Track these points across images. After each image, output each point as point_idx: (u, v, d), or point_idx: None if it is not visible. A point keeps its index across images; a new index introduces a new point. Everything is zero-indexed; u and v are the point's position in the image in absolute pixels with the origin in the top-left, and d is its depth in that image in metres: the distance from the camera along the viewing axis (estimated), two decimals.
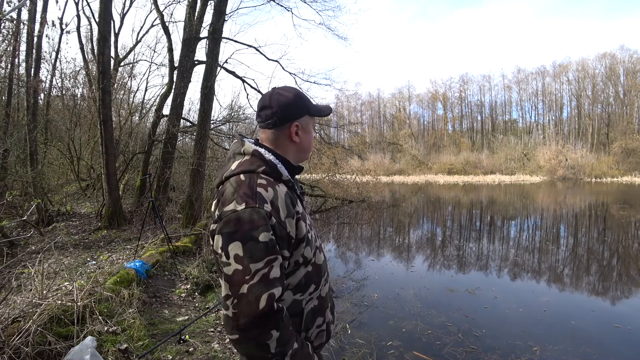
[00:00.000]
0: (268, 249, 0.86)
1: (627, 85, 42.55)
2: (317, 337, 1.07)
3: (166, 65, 10.70)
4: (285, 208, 0.92)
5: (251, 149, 1.00)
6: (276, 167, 0.99)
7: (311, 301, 1.04)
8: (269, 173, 0.97)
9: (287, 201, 0.94)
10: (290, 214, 0.93)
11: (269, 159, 0.99)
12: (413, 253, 7.11)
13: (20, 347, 2.11)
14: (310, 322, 1.03)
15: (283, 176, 0.99)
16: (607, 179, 33.46)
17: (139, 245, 5.29)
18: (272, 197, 0.91)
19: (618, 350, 3.16)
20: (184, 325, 3.08)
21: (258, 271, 0.84)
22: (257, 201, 0.88)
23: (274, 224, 0.88)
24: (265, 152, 1.01)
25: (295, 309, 1.00)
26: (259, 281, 0.84)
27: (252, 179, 0.94)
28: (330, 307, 1.15)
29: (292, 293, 0.99)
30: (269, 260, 0.86)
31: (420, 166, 46.85)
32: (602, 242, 7.91)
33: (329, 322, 1.12)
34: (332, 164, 13.56)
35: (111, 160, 7.18)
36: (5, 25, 7.53)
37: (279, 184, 0.96)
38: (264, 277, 0.85)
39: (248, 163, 0.98)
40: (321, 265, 1.08)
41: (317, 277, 1.05)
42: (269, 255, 0.86)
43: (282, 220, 0.91)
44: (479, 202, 17.24)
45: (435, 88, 57.05)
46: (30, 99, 8.46)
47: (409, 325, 3.59)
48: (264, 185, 0.92)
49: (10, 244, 5.39)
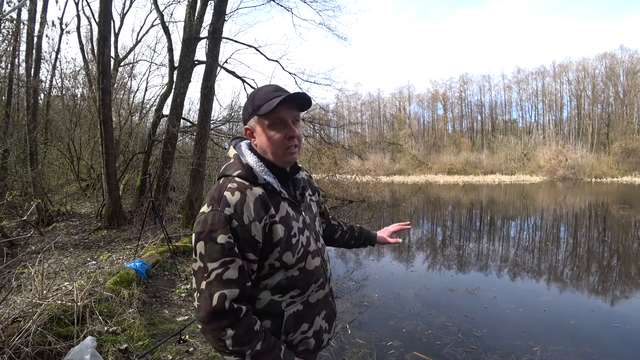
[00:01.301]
0: (224, 251, 0.89)
1: (627, 85, 42.53)
2: (302, 343, 1.05)
3: (166, 65, 10.71)
4: (252, 212, 0.93)
5: (232, 153, 1.06)
6: (251, 170, 1.00)
7: (293, 305, 1.03)
8: (244, 177, 0.98)
9: (257, 205, 0.95)
10: (258, 218, 0.94)
11: (246, 162, 1.01)
12: (413, 253, 7.11)
13: (20, 347, 2.11)
14: (292, 326, 1.02)
15: (259, 179, 0.99)
16: (607, 179, 33.46)
17: (139, 245, 5.29)
18: (237, 201, 0.93)
19: (618, 350, 3.16)
20: (184, 325, 3.08)
21: (213, 270, 0.89)
22: (220, 205, 0.92)
23: (235, 227, 0.91)
24: (247, 155, 1.04)
25: (273, 309, 1.01)
26: (213, 280, 0.89)
27: (224, 182, 0.98)
28: (326, 316, 1.12)
29: (270, 293, 1.00)
30: (224, 262, 0.89)
31: (420, 166, 46.84)
32: (602, 242, 7.91)
33: (319, 331, 1.09)
34: (332, 164, 13.55)
35: (111, 160, 7.18)
36: (5, 25, 7.53)
37: (252, 188, 0.97)
38: (218, 277, 0.89)
39: (229, 167, 1.03)
40: (312, 271, 1.06)
41: (304, 282, 1.04)
42: (225, 257, 0.89)
43: (245, 224, 0.92)
44: (478, 202, 17.24)
45: (435, 88, 57.13)
46: (30, 99, 8.46)
47: (409, 325, 3.59)
48: (232, 189, 0.95)
49: (10, 244, 5.39)
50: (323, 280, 1.11)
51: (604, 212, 13.03)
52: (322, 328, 1.11)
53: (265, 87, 1.05)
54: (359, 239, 1.49)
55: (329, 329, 1.14)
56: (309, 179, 1.26)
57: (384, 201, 16.01)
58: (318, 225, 1.20)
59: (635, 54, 42.20)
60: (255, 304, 0.99)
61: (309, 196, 1.20)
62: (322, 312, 1.11)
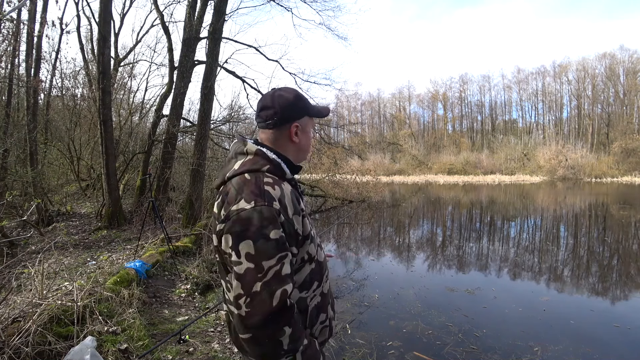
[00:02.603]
0: (279, 246, 0.87)
1: (627, 85, 42.54)
2: (321, 333, 1.08)
3: (166, 65, 10.70)
4: (292, 205, 0.94)
5: (254, 148, 1.01)
6: (280, 165, 1.00)
7: (315, 298, 1.05)
8: (274, 172, 0.98)
9: (293, 199, 0.96)
10: (297, 211, 0.95)
11: (273, 158, 1.00)
12: (413, 253, 7.11)
13: (20, 347, 2.11)
14: (314, 318, 1.04)
15: (287, 174, 1.00)
16: (607, 179, 33.46)
17: (139, 245, 5.29)
18: (280, 195, 0.92)
19: (617, 350, 3.16)
20: (184, 325, 3.08)
21: (270, 268, 0.85)
22: (266, 199, 0.89)
23: (283, 222, 0.90)
24: (268, 151, 1.02)
25: (300, 306, 1.01)
26: (272, 278, 0.85)
27: (258, 177, 0.94)
28: (332, 304, 1.16)
29: (298, 291, 1.00)
30: (280, 257, 0.87)
31: (420, 166, 46.85)
32: (601, 242, 7.91)
33: (331, 318, 1.13)
34: (332, 164, 13.56)
35: (111, 160, 7.18)
36: (5, 25, 7.52)
37: (283, 182, 0.98)
38: (277, 273, 0.86)
39: (251, 162, 0.98)
40: (322, 263, 1.10)
41: (319, 275, 1.07)
42: (280, 252, 0.87)
43: (289, 217, 0.92)
44: (478, 202, 17.24)
45: (436, 88, 57.15)
46: (30, 99, 8.45)
47: (409, 325, 3.59)
48: (270, 184, 0.93)
49: (10, 244, 5.39)
50: (327, 271, 1.16)
51: (604, 212, 13.03)
52: (332, 316, 1.15)
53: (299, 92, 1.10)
54: None
55: (334, 316, 1.19)
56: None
57: (384, 201, 16.01)
58: None
59: (635, 54, 42.26)
60: None
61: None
62: (330, 301, 1.15)
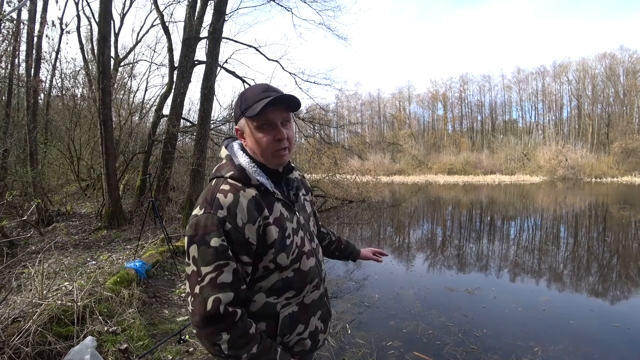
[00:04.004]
0: (218, 254, 0.88)
1: (627, 85, 42.54)
2: (298, 344, 1.05)
3: (166, 65, 10.71)
4: (245, 214, 0.92)
5: (224, 153, 1.04)
6: (244, 171, 0.98)
7: (289, 306, 1.02)
8: (237, 178, 0.97)
9: (250, 207, 0.93)
10: (252, 220, 0.92)
11: (239, 164, 1.00)
12: (413, 253, 7.11)
13: (20, 347, 2.11)
14: (287, 327, 1.02)
15: (252, 181, 0.97)
16: (607, 179, 33.45)
17: (139, 245, 5.29)
18: (230, 203, 0.91)
19: (617, 350, 3.16)
20: (184, 325, 3.07)
21: (207, 275, 0.88)
22: (213, 207, 0.91)
23: (229, 230, 0.89)
24: (239, 156, 1.02)
25: (268, 311, 0.99)
26: (207, 284, 0.88)
27: (217, 184, 0.97)
28: (321, 316, 1.12)
29: (264, 295, 0.99)
30: (218, 265, 0.88)
31: (420, 166, 46.84)
32: (602, 242, 7.91)
33: (314, 331, 1.09)
34: (332, 164, 13.54)
35: (111, 160, 7.18)
36: (5, 25, 7.53)
37: (245, 189, 0.95)
38: (212, 281, 0.88)
39: (220, 168, 1.02)
40: (307, 272, 1.05)
41: (299, 284, 1.04)
42: (219, 261, 0.88)
43: (238, 226, 0.90)
44: (478, 202, 17.24)
45: (436, 88, 57.16)
46: (30, 99, 8.46)
47: (409, 325, 3.59)
48: (225, 191, 0.93)
49: (10, 244, 5.39)
50: (318, 281, 1.11)
51: (604, 212, 13.03)
52: (318, 328, 1.10)
53: (255, 87, 1.02)
54: (344, 251, 1.50)
55: (324, 329, 1.14)
56: (302, 179, 1.24)
57: (384, 201, 16.01)
58: (312, 225, 1.19)
59: (635, 54, 42.26)
60: (249, 307, 0.98)
61: (303, 196, 1.18)
62: (318, 313, 1.11)
